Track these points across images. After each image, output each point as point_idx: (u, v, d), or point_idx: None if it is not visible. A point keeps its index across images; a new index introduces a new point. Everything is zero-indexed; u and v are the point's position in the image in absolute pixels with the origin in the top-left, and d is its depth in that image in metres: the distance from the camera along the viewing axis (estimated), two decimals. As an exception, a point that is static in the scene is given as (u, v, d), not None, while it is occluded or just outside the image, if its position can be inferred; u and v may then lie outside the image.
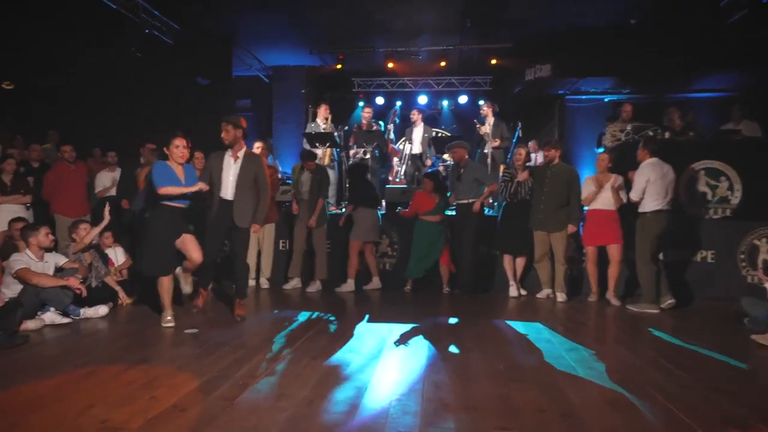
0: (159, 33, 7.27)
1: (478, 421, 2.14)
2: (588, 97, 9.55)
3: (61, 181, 5.36)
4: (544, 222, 4.97)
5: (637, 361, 3.07)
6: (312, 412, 2.20)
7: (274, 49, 8.69)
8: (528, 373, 2.80)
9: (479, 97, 9.42)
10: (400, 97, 10.08)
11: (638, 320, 4.24)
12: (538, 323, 4.02)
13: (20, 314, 3.43)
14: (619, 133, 6.22)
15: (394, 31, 7.95)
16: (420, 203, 5.39)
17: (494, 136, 6.77)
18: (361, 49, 8.54)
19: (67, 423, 2.06)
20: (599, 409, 2.28)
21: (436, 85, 9.92)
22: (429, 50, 8.51)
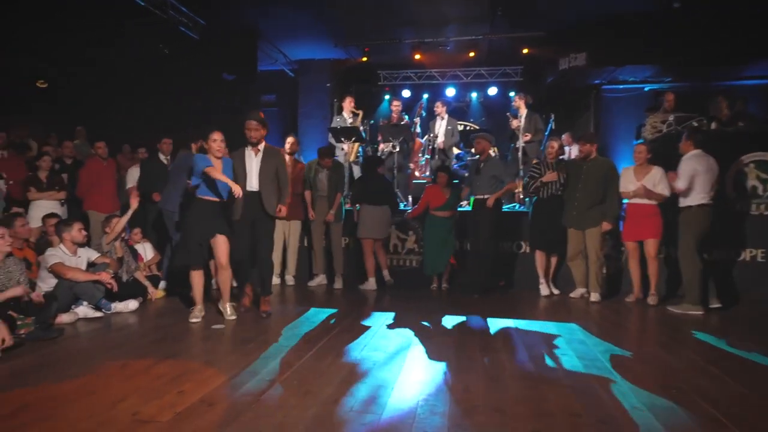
0: (185, 29, 7.44)
1: (509, 424, 2.12)
2: (626, 86, 9.23)
3: (94, 177, 5.55)
4: (578, 219, 4.85)
5: (680, 365, 2.97)
6: (338, 410, 2.23)
7: (300, 42, 8.75)
8: (561, 375, 2.75)
9: (510, 88, 9.24)
10: (427, 90, 10.00)
11: (681, 322, 4.09)
12: (572, 324, 3.94)
13: (55, 308, 3.60)
14: (661, 124, 6.00)
15: (421, 22, 7.87)
16: (431, 197, 5.37)
17: (527, 129, 6.62)
18: (387, 40, 8.50)
19: (100, 415, 2.15)
20: (639, 416, 2.22)
21: (465, 77, 9.79)
22: (457, 41, 8.38)
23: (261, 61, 8.70)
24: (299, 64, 9.76)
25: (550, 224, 5.02)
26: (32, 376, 2.68)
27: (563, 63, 8.34)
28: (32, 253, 4.28)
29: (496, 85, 9.68)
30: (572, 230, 4.91)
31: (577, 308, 4.62)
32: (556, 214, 5.01)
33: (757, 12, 6.61)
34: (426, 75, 9.90)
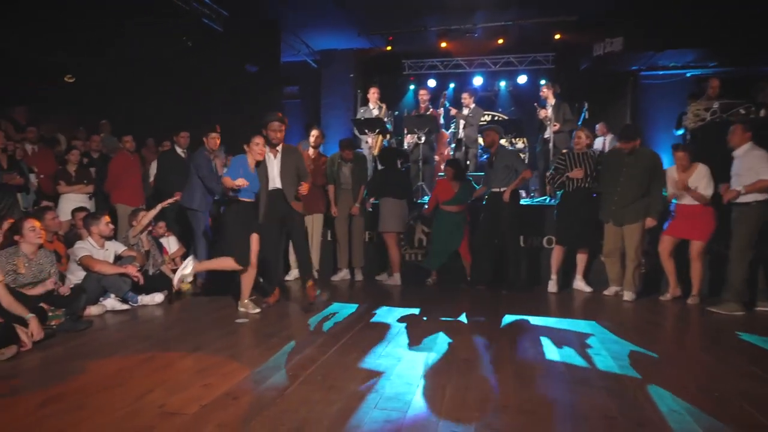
0: (209, 20, 7.55)
1: (540, 425, 2.09)
2: (666, 72, 8.90)
3: (121, 170, 5.70)
4: (618, 214, 4.64)
5: (724, 368, 2.87)
6: (363, 407, 2.24)
7: (323, 32, 8.77)
8: (594, 376, 2.69)
9: (540, 76, 9.03)
10: (453, 79, 9.86)
11: (723, 323, 3.95)
12: (606, 322, 3.85)
13: (84, 300, 3.74)
14: (704, 112, 5.76)
15: (448, 8, 7.76)
16: (440, 192, 5.33)
17: (556, 119, 6.50)
18: (412, 28, 8.43)
19: (128, 406, 2.22)
20: (679, 420, 2.16)
21: (493, 65, 9.63)
22: (485, 27, 8.23)
23: (284, 53, 8.76)
24: (322, 54, 9.79)
25: (577, 218, 4.88)
26: (63, 366, 2.79)
27: (598, 49, 8.10)
28: (62, 246, 4.45)
29: (525, 73, 9.47)
30: (610, 226, 4.75)
31: (612, 307, 4.51)
32: (582, 208, 4.87)
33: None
34: (452, 64, 9.78)
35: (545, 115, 6.74)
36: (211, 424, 2.05)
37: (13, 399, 2.33)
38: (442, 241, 5.33)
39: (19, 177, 4.99)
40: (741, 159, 4.20)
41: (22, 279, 3.48)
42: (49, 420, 2.09)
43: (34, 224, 3.60)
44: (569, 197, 4.97)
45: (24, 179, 5.11)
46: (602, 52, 8.04)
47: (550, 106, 6.72)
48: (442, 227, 5.32)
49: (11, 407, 2.23)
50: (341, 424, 2.07)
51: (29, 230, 3.54)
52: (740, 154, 4.21)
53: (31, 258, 3.57)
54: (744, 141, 4.21)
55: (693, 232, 4.50)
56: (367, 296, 4.94)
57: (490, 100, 9.77)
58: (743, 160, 4.18)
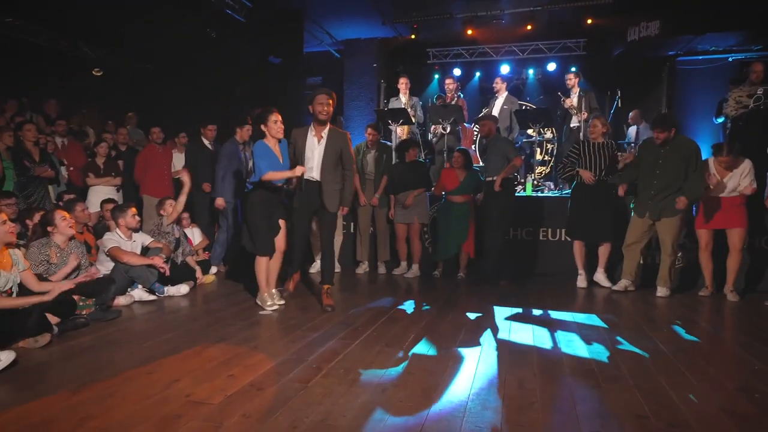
0: (232, 11, 7.63)
1: (568, 424, 2.07)
2: (706, 57, 8.56)
3: (149, 162, 5.86)
4: (656, 208, 4.48)
5: (765, 367, 2.77)
6: (386, 400, 2.26)
7: (346, 21, 8.75)
8: (625, 373, 2.64)
9: (571, 63, 8.80)
10: (479, 68, 9.73)
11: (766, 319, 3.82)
12: (638, 319, 3.77)
13: (113, 291, 3.87)
14: (747, 98, 5.53)
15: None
16: (445, 180, 5.26)
17: (581, 108, 6.38)
18: (437, 15, 8.33)
19: (156, 395, 2.30)
20: (715, 420, 2.10)
21: (521, 53, 9.45)
22: (513, 13, 8.07)
23: (307, 43, 8.79)
24: (345, 44, 9.78)
25: (591, 210, 4.77)
26: (94, 355, 2.90)
27: (632, 33, 7.85)
28: (92, 237, 4.61)
29: (555, 60, 9.25)
30: (637, 218, 4.62)
31: (643, 303, 4.40)
32: (597, 199, 4.75)
33: None
34: (478, 52, 9.63)
35: (570, 105, 6.61)
36: (236, 414, 2.10)
37: (47, 385, 2.45)
38: (448, 232, 5.25)
39: (50, 169, 5.18)
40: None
41: (54, 268, 3.63)
42: (81, 407, 2.18)
43: (65, 215, 3.74)
44: (582, 189, 4.85)
45: (55, 172, 5.30)
46: (637, 36, 7.78)
47: (574, 95, 6.59)
48: (447, 218, 5.26)
49: (46, 393, 2.33)
50: (364, 418, 2.09)
51: (61, 221, 3.68)
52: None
53: (62, 248, 3.71)
54: None
55: (730, 220, 4.34)
56: (388, 289, 4.95)
57: (517, 89, 9.59)
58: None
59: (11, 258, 3.14)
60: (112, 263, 4.20)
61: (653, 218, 4.53)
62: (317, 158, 3.90)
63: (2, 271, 3.04)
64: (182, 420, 2.05)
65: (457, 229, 5.22)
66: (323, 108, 3.79)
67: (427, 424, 2.04)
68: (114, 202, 5.03)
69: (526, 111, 7.40)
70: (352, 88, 9.81)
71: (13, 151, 4.99)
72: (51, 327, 3.06)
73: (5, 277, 3.04)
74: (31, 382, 2.49)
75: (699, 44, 8.31)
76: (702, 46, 8.39)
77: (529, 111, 7.52)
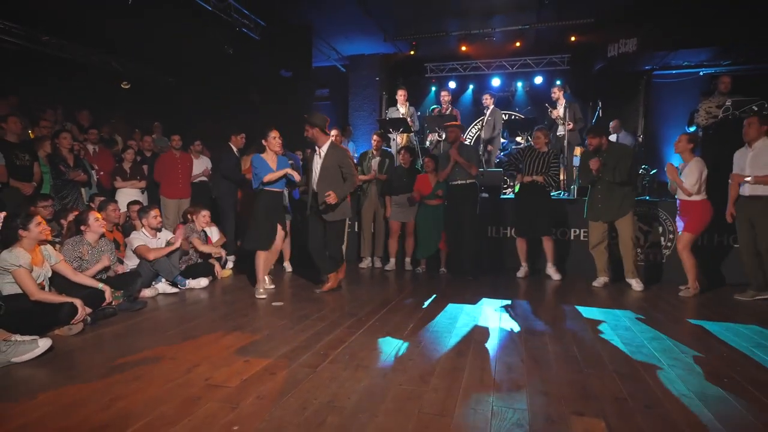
0: (247, 30, 7.64)
1: (553, 404, 2.07)
2: (680, 71, 8.55)
3: (166, 167, 5.91)
4: (606, 212, 4.55)
5: (734, 354, 2.77)
6: (387, 384, 2.26)
7: (351, 38, 8.77)
8: (606, 360, 2.64)
9: (556, 77, 8.84)
10: (472, 81, 9.75)
11: (735, 311, 3.81)
12: (617, 310, 3.77)
13: (140, 283, 3.88)
14: (716, 109, 5.52)
15: (468, 13, 7.65)
16: (420, 186, 5.27)
17: (566, 118, 6.40)
18: (434, 33, 8.35)
19: (179, 378, 2.31)
20: (688, 403, 2.10)
21: (510, 67, 9.46)
22: (503, 31, 8.08)
23: (315, 58, 8.81)
24: (350, 59, 9.80)
25: (531, 209, 4.92)
26: (122, 342, 2.92)
27: (612, 50, 7.85)
28: (120, 236, 4.62)
29: (542, 74, 9.28)
30: (592, 222, 4.69)
31: (621, 296, 4.40)
32: (537, 200, 4.93)
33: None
34: (472, 66, 9.65)
35: (557, 115, 6.62)
36: (251, 396, 2.11)
37: (80, 369, 2.46)
38: (426, 233, 5.29)
39: (83, 174, 5.20)
40: (757, 152, 3.99)
41: (86, 264, 3.64)
42: (111, 388, 2.19)
43: (97, 216, 3.76)
44: (523, 191, 5.03)
45: (87, 176, 5.32)
46: (616, 52, 7.78)
47: (560, 106, 6.60)
48: (426, 220, 5.28)
49: (79, 376, 2.34)
50: (367, 399, 2.09)
51: (93, 221, 3.70)
52: (756, 147, 4.01)
53: (93, 246, 3.72)
54: (761, 134, 4.00)
55: (687, 225, 4.34)
56: (389, 282, 4.95)
57: (507, 100, 9.61)
58: (761, 153, 3.97)
59: (42, 254, 3.16)
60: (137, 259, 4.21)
61: (605, 221, 4.59)
62: (317, 170, 4.13)
63: (35, 267, 3.05)
64: (202, 401, 2.05)
65: (435, 230, 5.27)
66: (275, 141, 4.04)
67: (424, 405, 2.04)
68: (139, 203, 5.04)
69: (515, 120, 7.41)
70: (356, 99, 9.82)
71: (51, 157, 5.02)
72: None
73: (37, 272, 3.06)
74: (66, 367, 2.50)
75: (673, 59, 8.30)
76: (675, 61, 8.38)
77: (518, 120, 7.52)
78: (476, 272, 5.12)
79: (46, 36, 7.39)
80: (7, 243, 3.01)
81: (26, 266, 2.97)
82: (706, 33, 7.15)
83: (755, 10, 6.50)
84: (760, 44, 7.15)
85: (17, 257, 2.95)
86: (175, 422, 1.87)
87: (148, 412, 1.95)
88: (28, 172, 4.68)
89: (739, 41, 7.20)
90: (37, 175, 4.79)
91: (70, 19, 6.90)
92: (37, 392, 2.15)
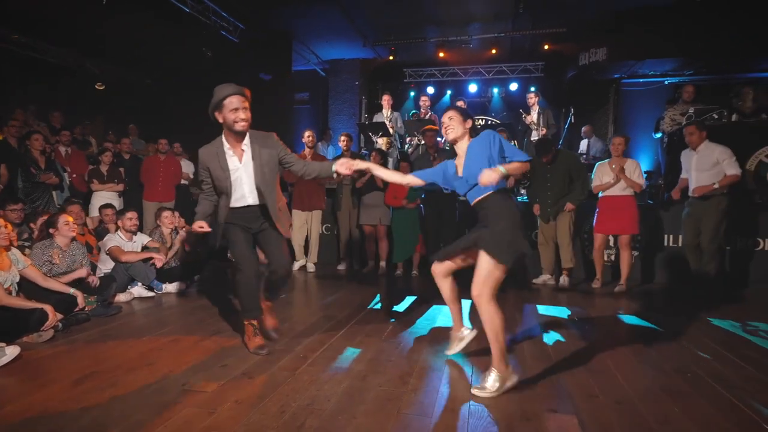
0: (226, 33, 7.53)
1: (528, 402, 2.10)
2: (646, 80, 8.84)
3: (150, 171, 5.79)
4: (551, 213, 4.75)
5: (696, 350, 2.87)
6: (366, 386, 2.25)
7: (330, 43, 8.76)
8: (577, 357, 2.69)
9: (530, 84, 9.01)
10: (450, 87, 9.86)
11: (695, 308, 3.94)
12: (576, 308, 3.85)
13: (114, 288, 3.76)
14: (680, 116, 5.74)
15: (446, 21, 7.74)
16: (395, 189, 5.22)
17: (540, 124, 6.55)
18: (413, 39, 8.41)
19: (154, 384, 2.24)
20: (656, 397, 2.16)
21: (487, 73, 9.61)
22: (480, 38, 8.21)
23: (295, 62, 8.77)
24: (330, 63, 9.77)
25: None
26: (96, 348, 2.81)
27: (583, 58, 8.07)
28: (93, 239, 4.47)
29: (517, 80, 9.45)
30: (542, 223, 4.85)
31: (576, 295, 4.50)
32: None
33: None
34: (449, 72, 9.76)
35: (530, 121, 6.76)
36: (229, 401, 2.06)
37: (50, 377, 2.36)
38: (403, 236, 5.23)
39: (54, 176, 5.02)
40: (701, 156, 4.28)
41: (57, 269, 3.51)
42: (84, 396, 2.11)
43: (68, 219, 3.63)
44: None
45: (59, 178, 5.14)
46: (587, 61, 8.00)
47: (534, 112, 6.75)
48: (401, 223, 5.23)
49: (49, 385, 2.25)
50: (347, 401, 2.08)
51: (63, 224, 3.57)
52: (702, 151, 4.28)
53: (64, 250, 3.59)
54: (702, 139, 4.29)
55: (623, 226, 4.53)
56: (367, 286, 4.94)
57: (483, 106, 9.74)
58: (704, 156, 4.25)
59: (9, 259, 3.03)
60: (113, 262, 4.08)
61: (551, 221, 4.78)
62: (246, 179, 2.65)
63: (1, 271, 2.93)
64: (178, 407, 2.00)
65: (412, 233, 5.22)
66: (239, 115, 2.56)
67: (404, 405, 2.04)
68: (112, 207, 4.88)
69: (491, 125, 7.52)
70: (336, 103, 9.80)
71: (21, 158, 4.83)
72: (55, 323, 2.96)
73: (3, 276, 2.93)
74: (35, 375, 2.40)
75: (640, 69, 8.58)
76: (642, 70, 8.66)
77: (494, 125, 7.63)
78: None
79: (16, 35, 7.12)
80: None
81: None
82: (671, 44, 7.44)
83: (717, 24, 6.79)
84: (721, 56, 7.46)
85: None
86: (151, 429, 1.82)
87: (122, 420, 1.89)
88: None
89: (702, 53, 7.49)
90: (4, 177, 4.60)
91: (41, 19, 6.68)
92: (4, 403, 2.05)
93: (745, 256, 4.94)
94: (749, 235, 4.95)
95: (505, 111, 9.39)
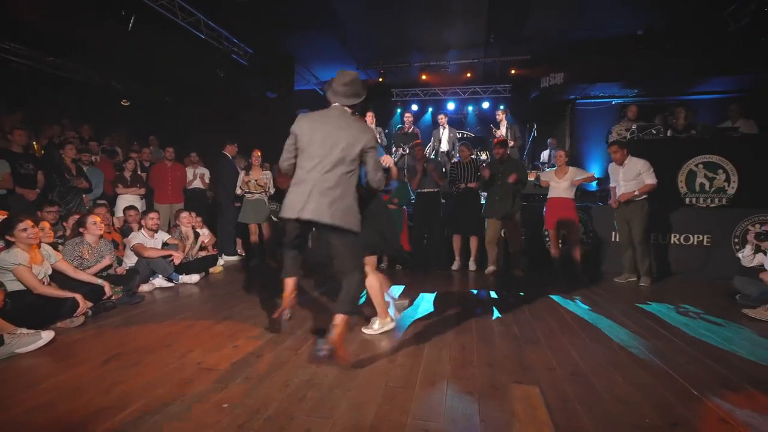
0: (237, 56, 7.46)
1: (497, 374, 2.12)
2: (597, 100, 8.98)
3: (159, 176, 5.70)
4: (500, 210, 4.79)
5: (638, 329, 2.92)
6: (359, 363, 2.25)
7: (328, 66, 8.72)
8: (539, 336, 2.73)
9: (500, 102, 9.08)
10: (432, 105, 9.89)
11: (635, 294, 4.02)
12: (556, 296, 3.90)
13: (138, 279, 3.70)
14: (625, 131, 5.84)
15: (428, 48, 7.79)
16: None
17: (508, 137, 6.64)
18: (399, 64, 8.45)
19: (173, 363, 2.22)
20: (604, 370, 2.20)
21: (463, 93, 9.66)
22: (457, 63, 8.27)
23: (297, 82, 8.71)
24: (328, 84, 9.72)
25: (465, 211, 5.10)
26: (122, 332, 2.77)
27: (544, 81, 8.16)
28: (119, 236, 4.39)
29: (488, 100, 9.54)
30: (491, 219, 4.89)
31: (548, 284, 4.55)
32: (467, 203, 5.10)
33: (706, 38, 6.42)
34: (431, 92, 9.80)
35: (500, 135, 6.82)
36: (239, 377, 2.05)
37: (81, 358, 2.32)
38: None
39: (85, 182, 4.92)
40: (627, 169, 4.41)
41: (87, 263, 3.44)
42: (111, 374, 2.08)
43: (95, 219, 3.56)
44: (458, 196, 5.19)
45: (89, 184, 5.05)
46: (548, 84, 8.10)
47: (503, 127, 6.81)
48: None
49: (80, 365, 2.21)
50: (342, 376, 2.08)
51: (91, 224, 3.51)
52: (627, 165, 4.41)
53: (93, 246, 3.53)
54: (625, 156, 4.43)
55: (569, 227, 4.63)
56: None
57: (460, 121, 9.80)
58: (629, 169, 4.39)
59: (41, 254, 2.97)
60: (136, 257, 4.02)
61: (499, 218, 4.83)
62: None
63: (35, 265, 2.87)
64: (194, 383, 1.98)
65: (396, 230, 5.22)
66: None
67: (390, 379, 2.05)
68: (135, 208, 4.80)
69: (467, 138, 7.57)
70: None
71: (55, 165, 4.73)
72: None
73: (36, 269, 2.87)
74: (68, 355, 2.35)
75: (592, 91, 8.71)
76: (594, 92, 8.80)
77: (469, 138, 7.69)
78: (440, 266, 5.15)
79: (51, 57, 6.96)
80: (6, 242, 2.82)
81: (25, 264, 2.78)
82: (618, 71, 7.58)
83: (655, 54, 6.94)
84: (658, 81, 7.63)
85: (15, 256, 2.76)
86: (170, 402, 1.80)
87: (145, 393, 1.87)
88: (32, 180, 4.39)
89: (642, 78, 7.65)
90: (41, 182, 4.50)
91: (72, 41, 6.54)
92: (41, 380, 2.01)
93: (670, 249, 5.04)
94: (679, 231, 5.06)
95: (478, 126, 9.46)
